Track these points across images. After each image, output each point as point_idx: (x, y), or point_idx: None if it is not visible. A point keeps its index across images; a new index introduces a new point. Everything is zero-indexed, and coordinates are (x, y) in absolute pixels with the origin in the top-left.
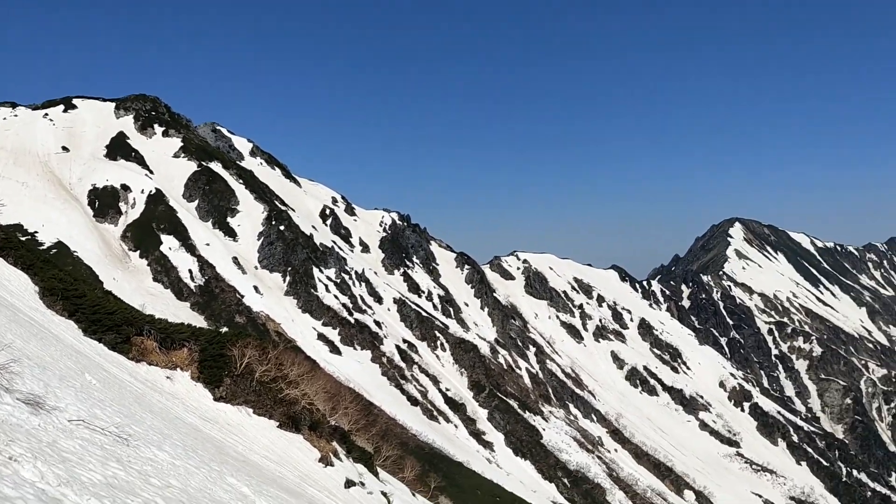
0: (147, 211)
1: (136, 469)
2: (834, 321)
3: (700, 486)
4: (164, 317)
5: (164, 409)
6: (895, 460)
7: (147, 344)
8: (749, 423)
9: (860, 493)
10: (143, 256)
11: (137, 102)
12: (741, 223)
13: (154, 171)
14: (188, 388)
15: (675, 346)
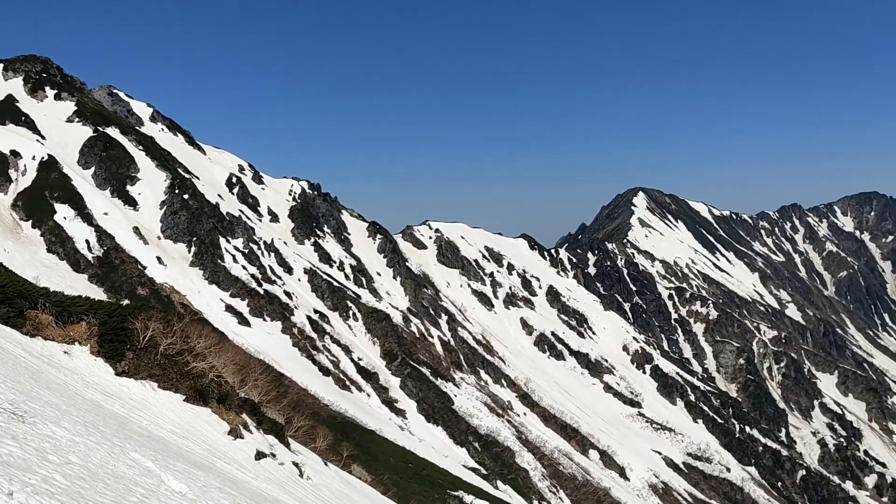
0: (39, 178)
1: (33, 446)
2: (729, 286)
3: (604, 446)
4: (59, 289)
5: (62, 384)
6: (784, 416)
7: (42, 318)
8: (650, 384)
9: (752, 448)
10: (35, 226)
11: (27, 64)
12: (644, 192)
13: (46, 137)
14: (88, 363)
15: (582, 312)
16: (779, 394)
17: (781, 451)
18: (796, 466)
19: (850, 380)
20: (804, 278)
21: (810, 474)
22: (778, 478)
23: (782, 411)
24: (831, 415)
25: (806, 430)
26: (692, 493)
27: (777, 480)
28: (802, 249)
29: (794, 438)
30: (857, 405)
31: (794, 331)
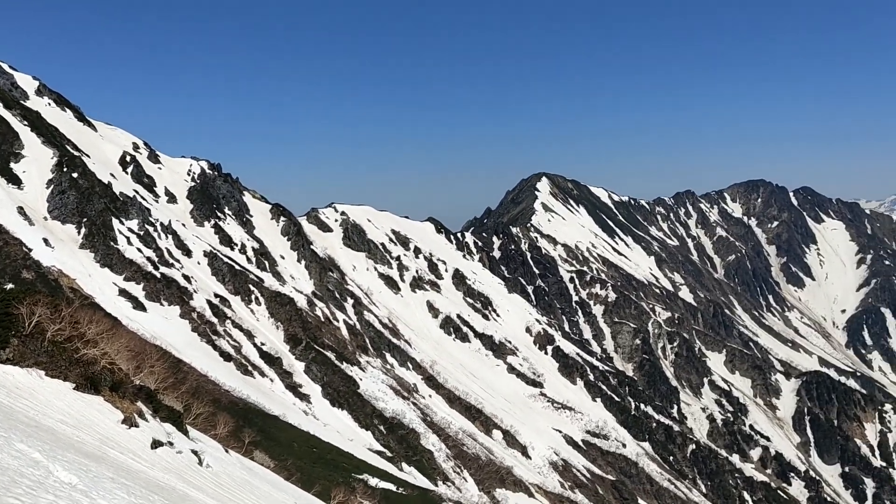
0: None
1: None
2: (627, 269)
3: (507, 426)
4: None
5: None
6: (676, 393)
7: None
8: (552, 364)
9: (646, 425)
10: None
11: None
12: (548, 178)
13: None
14: None
15: (487, 294)
16: (671, 372)
17: (673, 427)
18: (687, 441)
19: (736, 358)
20: (696, 262)
21: (700, 448)
22: (670, 452)
23: (675, 389)
24: (719, 391)
25: (696, 407)
26: (590, 469)
27: (669, 455)
28: (695, 234)
29: (685, 414)
30: (743, 382)
31: (687, 312)
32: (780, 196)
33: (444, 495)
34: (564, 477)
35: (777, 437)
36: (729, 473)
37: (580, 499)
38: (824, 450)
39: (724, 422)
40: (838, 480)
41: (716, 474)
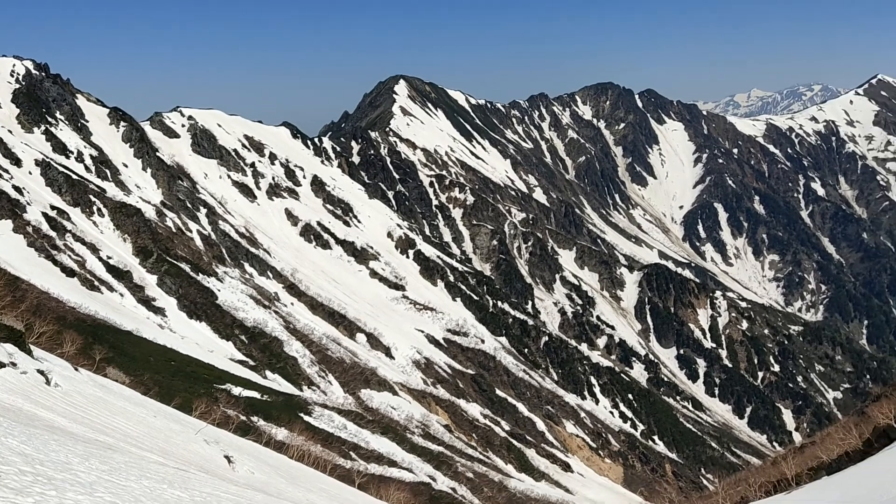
0: None
1: None
2: (484, 172)
3: (371, 329)
4: None
5: None
6: (531, 290)
7: None
8: (413, 267)
9: (503, 321)
10: None
11: None
12: (405, 81)
13: None
14: None
15: (347, 200)
16: (526, 270)
17: (528, 322)
18: (540, 334)
19: (585, 255)
20: (549, 164)
21: (552, 340)
22: (525, 345)
23: (529, 286)
24: (570, 286)
25: (549, 301)
26: (451, 365)
27: (524, 347)
28: (548, 136)
29: (538, 309)
30: (591, 276)
31: (541, 212)
32: (627, 98)
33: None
34: (427, 374)
35: (621, 325)
36: (578, 361)
37: (442, 393)
38: (662, 335)
39: (574, 314)
40: (674, 362)
41: (566, 362)
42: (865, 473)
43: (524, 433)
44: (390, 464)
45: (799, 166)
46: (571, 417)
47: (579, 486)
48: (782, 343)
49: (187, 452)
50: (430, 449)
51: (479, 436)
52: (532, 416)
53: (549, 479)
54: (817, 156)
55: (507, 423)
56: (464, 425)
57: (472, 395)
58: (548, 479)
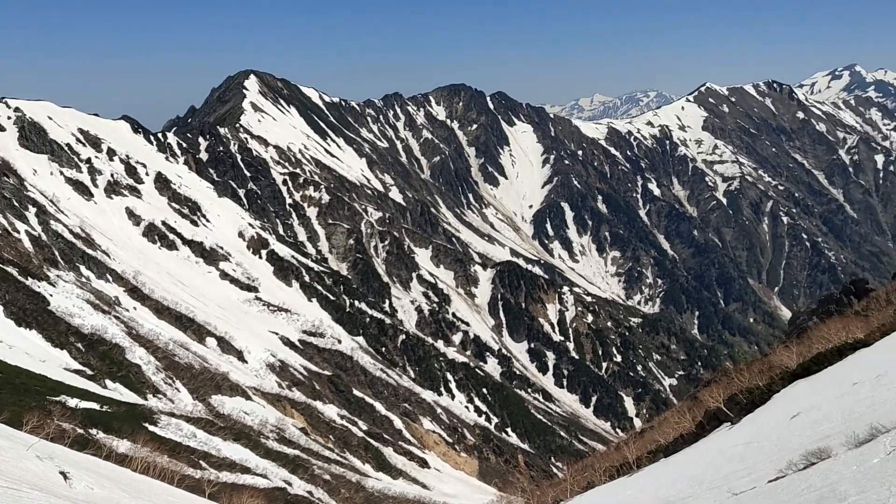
0: None
1: None
2: (340, 171)
3: (221, 332)
4: None
5: None
6: (388, 289)
7: None
8: (266, 268)
9: (360, 320)
10: None
11: None
12: (256, 76)
13: None
14: None
15: (195, 199)
16: (383, 269)
17: (385, 320)
18: (398, 332)
19: (441, 253)
20: (405, 163)
21: (409, 338)
22: (382, 344)
23: (386, 284)
24: (426, 284)
25: (406, 300)
26: (307, 367)
27: (382, 346)
28: (403, 136)
29: (395, 308)
30: (446, 274)
31: (397, 211)
32: (479, 100)
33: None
34: (282, 377)
35: (475, 321)
36: (434, 358)
37: (297, 396)
38: (514, 330)
39: (431, 312)
40: (526, 356)
41: (423, 360)
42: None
43: (382, 432)
44: (244, 471)
45: (637, 168)
46: (428, 414)
47: (436, 482)
48: (624, 334)
49: (18, 470)
50: (286, 453)
51: (337, 437)
52: (390, 414)
53: (407, 476)
54: (653, 158)
55: (364, 423)
56: (321, 427)
57: (329, 396)
58: (405, 477)
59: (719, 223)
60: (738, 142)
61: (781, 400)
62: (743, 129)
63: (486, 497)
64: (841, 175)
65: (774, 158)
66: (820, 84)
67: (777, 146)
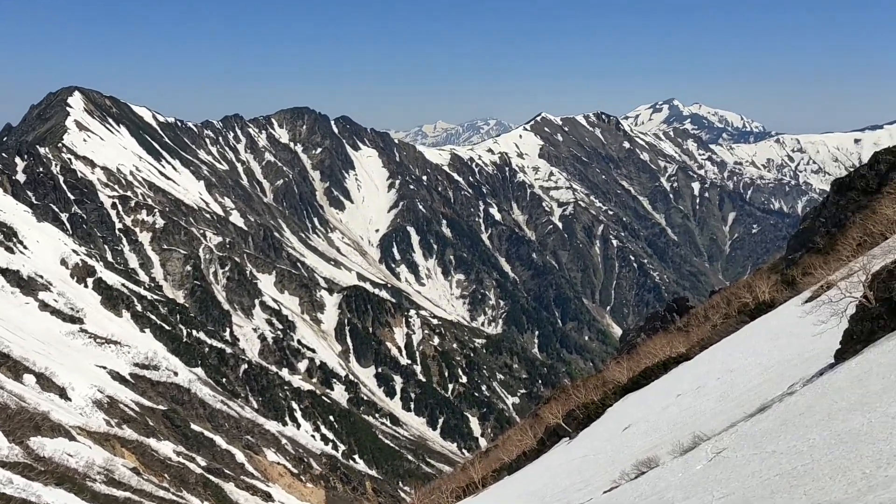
0: None
1: None
2: (175, 194)
3: (41, 368)
4: None
5: None
6: (229, 317)
7: None
8: (93, 298)
9: (199, 350)
10: None
11: None
12: (81, 93)
13: None
14: None
15: (10, 224)
16: (224, 296)
17: (226, 350)
18: (239, 361)
19: (286, 278)
20: (246, 186)
21: (252, 367)
22: (223, 374)
23: (227, 312)
24: (270, 311)
25: (248, 328)
26: (139, 402)
27: (222, 377)
28: (244, 158)
29: (237, 336)
30: (291, 300)
31: (238, 236)
32: (323, 124)
33: None
34: (111, 414)
35: (321, 348)
36: (279, 387)
37: (128, 434)
38: (361, 355)
39: (275, 339)
40: (373, 380)
41: (267, 389)
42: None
43: (222, 467)
44: None
45: (479, 193)
46: (272, 445)
47: None
48: (469, 356)
49: None
50: (115, 496)
51: (172, 475)
52: (231, 447)
53: None
54: (494, 184)
55: (203, 459)
56: (154, 466)
57: (164, 432)
58: None
59: (556, 246)
60: (571, 169)
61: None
62: (576, 157)
63: None
64: (663, 201)
65: (604, 185)
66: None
67: (606, 173)
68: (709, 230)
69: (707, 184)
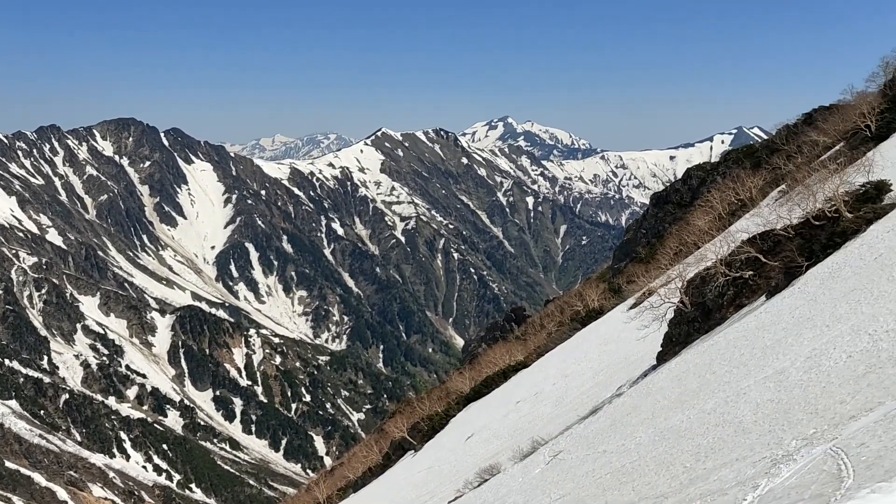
0: None
1: None
2: None
3: None
4: None
5: None
6: (47, 343)
7: None
8: None
9: (12, 381)
10: None
11: None
12: None
13: None
14: None
15: None
16: (40, 321)
17: (44, 379)
18: (59, 391)
19: (111, 300)
20: (65, 202)
21: (74, 396)
22: (41, 406)
23: (44, 338)
24: (94, 336)
25: (69, 354)
26: None
27: (40, 409)
28: (63, 172)
29: (56, 364)
30: (118, 323)
31: (56, 256)
32: (152, 136)
33: None
34: None
35: (153, 372)
36: (105, 416)
37: None
38: (198, 378)
39: (100, 366)
40: (211, 404)
41: (91, 420)
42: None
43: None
44: None
45: (321, 208)
46: (99, 480)
47: None
48: (312, 374)
49: None
50: None
51: None
52: (52, 485)
53: None
54: (336, 198)
55: (20, 499)
56: None
57: None
58: None
59: (399, 260)
60: (412, 184)
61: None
62: (416, 172)
63: None
64: (500, 215)
65: (444, 200)
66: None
67: (446, 188)
68: (543, 242)
69: (540, 198)
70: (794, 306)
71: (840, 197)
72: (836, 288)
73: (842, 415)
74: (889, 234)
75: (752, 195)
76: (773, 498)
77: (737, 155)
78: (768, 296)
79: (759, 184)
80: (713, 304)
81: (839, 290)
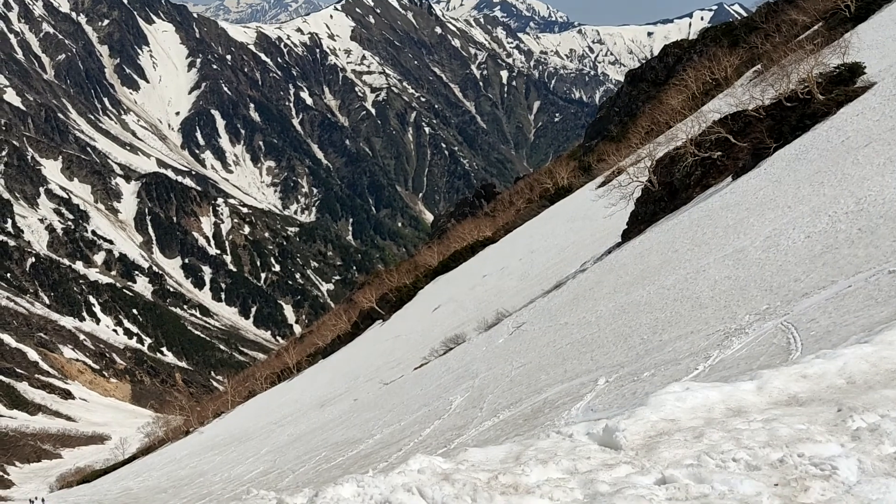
0: None
1: None
2: None
3: None
4: None
5: None
6: (10, 206)
7: None
8: None
9: None
10: None
11: None
12: None
13: None
14: None
15: None
16: (3, 184)
17: (9, 242)
18: (25, 255)
19: (74, 164)
20: (22, 61)
21: (40, 260)
22: (8, 269)
23: (7, 202)
24: (58, 200)
25: (33, 218)
26: None
27: (7, 272)
28: (18, 29)
29: (21, 228)
30: (83, 188)
31: (15, 117)
32: None
33: None
34: None
35: (120, 239)
36: (73, 281)
37: None
38: (165, 246)
39: (66, 230)
40: (180, 272)
41: (59, 283)
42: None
43: (13, 366)
44: None
45: (289, 76)
46: (69, 342)
47: (83, 412)
48: (282, 244)
49: None
50: None
51: None
52: (22, 346)
53: (48, 410)
54: (304, 66)
55: None
56: None
57: None
58: (45, 411)
59: (369, 133)
60: (384, 53)
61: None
62: (388, 41)
63: (140, 421)
64: (473, 89)
65: (417, 71)
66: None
67: (419, 59)
68: (515, 118)
69: (515, 72)
70: (759, 187)
71: (813, 78)
72: (802, 170)
73: (795, 292)
74: (858, 118)
75: (728, 74)
76: (724, 367)
77: (715, 33)
78: (735, 176)
79: (735, 63)
80: (680, 183)
81: (804, 171)
